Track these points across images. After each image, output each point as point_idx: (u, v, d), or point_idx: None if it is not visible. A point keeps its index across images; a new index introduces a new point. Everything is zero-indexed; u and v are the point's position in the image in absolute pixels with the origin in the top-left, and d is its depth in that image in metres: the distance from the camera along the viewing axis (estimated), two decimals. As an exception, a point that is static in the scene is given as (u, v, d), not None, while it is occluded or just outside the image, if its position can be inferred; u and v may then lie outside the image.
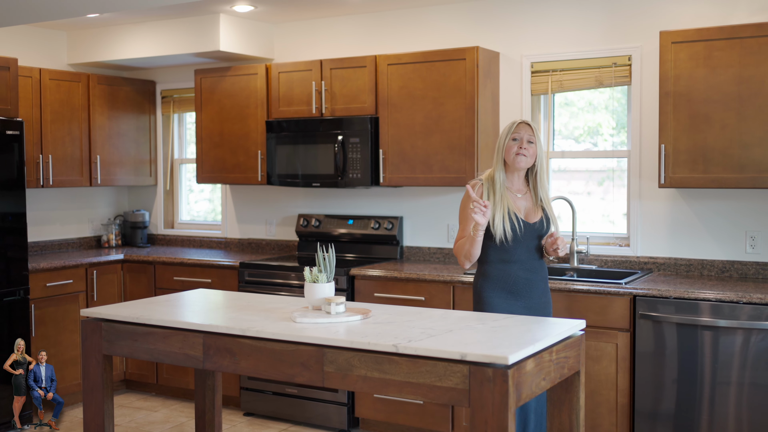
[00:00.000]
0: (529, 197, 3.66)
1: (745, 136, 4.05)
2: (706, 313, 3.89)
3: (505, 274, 3.61)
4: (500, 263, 3.61)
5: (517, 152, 3.57)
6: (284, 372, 2.97)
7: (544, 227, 3.64)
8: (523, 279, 3.61)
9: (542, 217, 3.64)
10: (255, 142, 5.53)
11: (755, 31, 4.01)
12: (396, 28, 5.32)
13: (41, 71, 5.54)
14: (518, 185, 3.67)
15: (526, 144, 3.59)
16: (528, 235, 3.61)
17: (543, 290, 3.68)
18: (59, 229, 6.10)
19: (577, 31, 4.78)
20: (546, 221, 3.65)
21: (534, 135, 3.60)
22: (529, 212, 3.64)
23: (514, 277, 3.61)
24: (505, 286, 3.60)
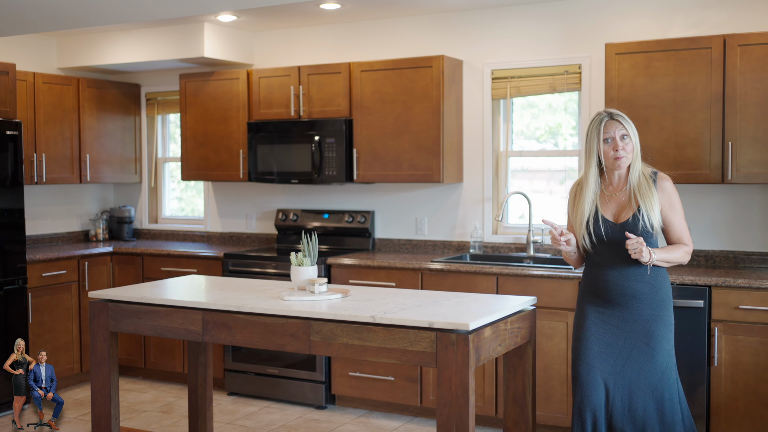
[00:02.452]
0: (626, 193, 3.41)
1: (680, 137, 4.56)
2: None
3: (595, 279, 3.42)
4: (592, 267, 3.45)
5: (615, 156, 3.35)
6: (275, 342, 3.40)
7: (638, 225, 3.32)
8: (616, 286, 3.35)
9: (633, 214, 3.34)
10: (237, 142, 5.94)
11: (689, 44, 4.52)
12: (368, 38, 5.77)
13: (35, 75, 5.91)
14: (618, 182, 3.43)
15: (621, 142, 3.35)
16: (617, 237, 3.35)
17: (648, 302, 3.34)
18: (50, 224, 6.46)
19: (533, 41, 5.27)
20: (639, 219, 3.33)
21: (625, 127, 3.36)
22: (621, 211, 3.39)
23: (604, 282, 3.38)
24: (596, 292, 3.41)
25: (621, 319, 3.36)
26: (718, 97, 4.46)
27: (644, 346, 3.35)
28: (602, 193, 3.45)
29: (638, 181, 3.38)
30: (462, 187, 5.52)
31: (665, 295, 3.38)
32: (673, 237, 3.44)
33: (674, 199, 3.42)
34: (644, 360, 3.34)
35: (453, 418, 3.02)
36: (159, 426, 5.05)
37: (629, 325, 3.35)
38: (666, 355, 3.37)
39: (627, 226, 3.34)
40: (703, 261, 4.84)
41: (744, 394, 4.23)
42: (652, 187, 3.38)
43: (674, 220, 3.42)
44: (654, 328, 3.34)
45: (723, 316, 4.25)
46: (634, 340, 3.36)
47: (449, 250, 5.56)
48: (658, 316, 3.35)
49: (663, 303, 3.37)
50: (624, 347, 3.36)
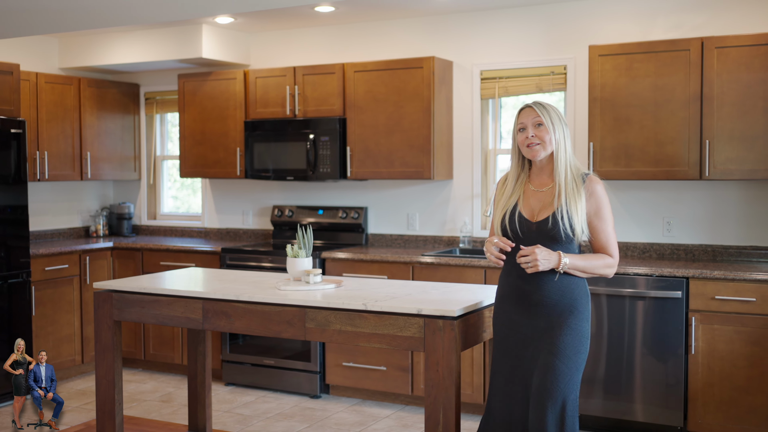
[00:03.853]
0: (550, 191, 3.12)
1: (660, 135, 4.76)
2: (628, 285, 4.58)
3: (507, 281, 3.18)
4: (506, 267, 3.20)
5: (527, 143, 3.10)
6: (272, 329, 3.58)
7: (556, 227, 3.04)
8: (524, 290, 3.11)
9: (552, 214, 3.06)
10: (234, 140, 6.12)
11: (668, 46, 4.72)
12: (362, 39, 5.96)
13: (38, 75, 6.08)
14: (543, 177, 3.17)
15: (534, 129, 3.10)
16: (531, 236, 3.08)
17: (556, 310, 3.05)
18: (52, 220, 6.64)
19: (520, 43, 5.46)
20: (559, 219, 3.04)
21: (541, 116, 3.09)
22: (542, 209, 3.11)
23: (514, 286, 3.14)
24: (507, 295, 3.18)
25: (529, 327, 3.09)
26: (696, 97, 4.66)
27: (549, 355, 3.04)
28: (526, 188, 3.18)
29: (565, 179, 3.08)
30: (452, 183, 5.71)
31: (576, 303, 3.07)
32: (597, 246, 3.15)
33: (602, 205, 3.10)
34: (545, 369, 3.03)
35: (440, 399, 3.21)
36: (159, 414, 5.23)
37: (537, 333, 3.07)
38: (571, 368, 3.04)
39: (542, 226, 3.07)
40: (682, 254, 5.04)
41: (720, 381, 4.43)
42: (580, 189, 3.07)
43: (599, 227, 3.12)
44: (561, 336, 3.03)
45: (700, 307, 4.44)
46: (540, 348, 3.07)
47: (440, 244, 5.75)
48: (566, 324, 3.05)
49: (573, 311, 3.06)
50: (533, 358, 3.08)
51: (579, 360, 3.07)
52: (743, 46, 4.54)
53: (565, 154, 3.11)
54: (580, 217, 3.05)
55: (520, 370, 3.12)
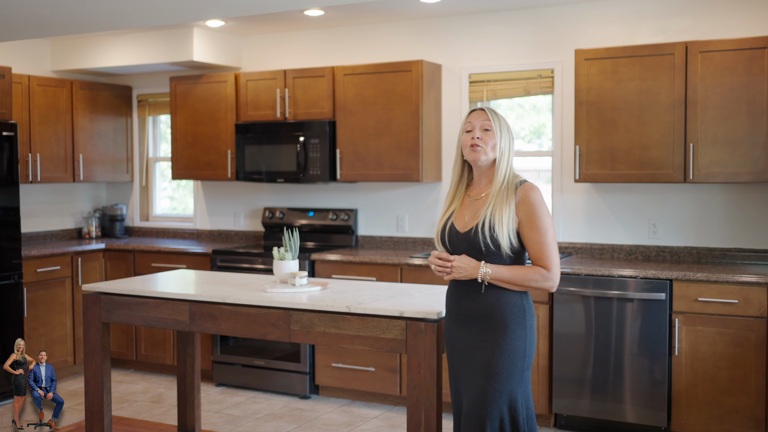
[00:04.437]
0: (484, 200, 3.01)
1: (645, 138, 4.81)
2: (613, 287, 4.63)
3: (448, 294, 3.13)
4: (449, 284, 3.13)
5: (471, 144, 3.00)
6: (257, 331, 3.63)
7: (477, 237, 2.93)
8: (458, 304, 3.03)
9: (476, 225, 2.95)
10: (225, 143, 6.16)
11: (653, 50, 4.77)
12: (351, 42, 6.00)
13: (30, 78, 6.12)
14: (482, 185, 3.06)
15: (481, 133, 3.00)
16: (460, 249, 2.99)
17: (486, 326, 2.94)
18: (44, 222, 6.68)
19: (508, 47, 5.51)
20: (480, 230, 2.93)
21: (491, 121, 3.00)
22: (472, 220, 3.00)
23: (450, 299, 3.09)
24: (448, 308, 3.12)
25: (465, 342, 3.00)
26: (680, 101, 4.71)
27: (481, 377, 2.93)
28: (465, 198, 3.08)
29: (499, 189, 2.96)
30: (441, 186, 5.76)
31: (508, 321, 2.93)
32: (532, 256, 2.96)
33: (536, 214, 2.92)
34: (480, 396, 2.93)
35: (422, 400, 3.26)
36: (149, 415, 5.27)
37: (471, 349, 2.97)
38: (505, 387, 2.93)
39: (467, 237, 2.96)
40: (668, 256, 5.09)
41: (702, 382, 4.48)
42: (511, 198, 2.94)
43: (531, 237, 2.93)
44: (492, 358, 2.92)
45: (683, 308, 4.49)
46: (473, 367, 2.97)
47: (429, 246, 5.79)
48: (497, 345, 2.92)
49: (505, 329, 2.92)
50: (467, 374, 2.99)
51: (513, 379, 2.93)
52: (727, 50, 4.59)
53: (506, 165, 3.00)
54: (506, 226, 2.91)
55: (456, 382, 3.07)
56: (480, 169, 3.05)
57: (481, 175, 3.06)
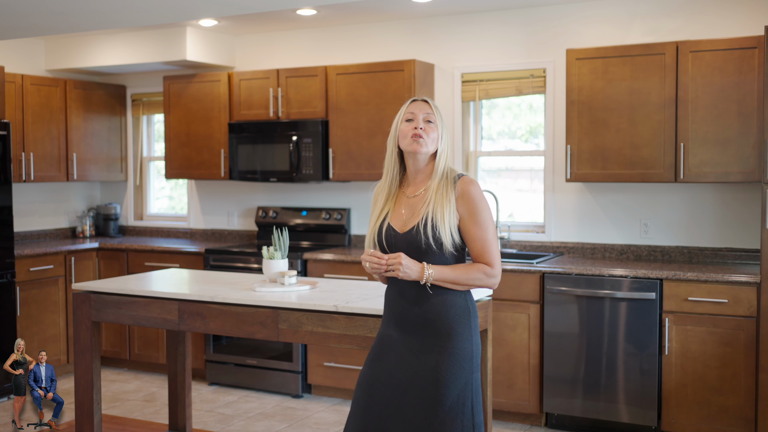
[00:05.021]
0: (422, 197, 2.86)
1: (636, 138, 4.81)
2: (603, 286, 4.64)
3: (387, 299, 2.94)
4: (389, 285, 2.94)
5: (413, 134, 2.82)
6: (246, 330, 3.63)
7: (419, 236, 2.78)
8: (400, 308, 2.85)
9: (417, 224, 2.79)
10: (218, 142, 6.17)
11: (644, 50, 4.77)
12: (344, 42, 6.01)
13: (23, 77, 6.12)
14: (419, 181, 2.90)
15: (423, 124, 2.84)
16: (399, 250, 2.81)
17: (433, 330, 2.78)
18: (38, 221, 6.68)
19: (500, 46, 5.51)
20: (422, 228, 2.78)
21: (434, 113, 2.86)
22: (411, 218, 2.84)
23: (392, 303, 2.89)
24: (388, 313, 2.92)
25: (405, 346, 2.82)
26: (671, 101, 4.71)
27: (429, 385, 2.76)
28: (399, 195, 2.92)
29: (438, 185, 2.81)
30: (433, 185, 5.75)
31: (455, 324, 2.79)
32: (474, 253, 2.83)
33: (477, 209, 2.79)
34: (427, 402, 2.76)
35: (408, 399, 3.26)
36: (141, 414, 5.27)
37: (412, 354, 2.80)
38: (455, 401, 2.77)
39: (408, 237, 2.80)
40: (659, 256, 5.09)
41: (692, 381, 4.48)
42: (450, 193, 2.79)
43: (473, 233, 2.79)
44: (441, 363, 2.76)
45: (673, 308, 4.50)
46: (416, 373, 2.79)
47: (421, 245, 5.79)
48: (443, 349, 2.77)
49: (451, 332, 2.78)
50: (405, 379, 2.80)
51: (460, 384, 2.77)
52: (717, 50, 4.60)
53: (445, 162, 2.85)
54: (447, 223, 2.76)
55: (387, 388, 2.82)
56: (416, 163, 2.86)
57: (417, 171, 2.88)
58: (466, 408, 2.78)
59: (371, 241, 2.89)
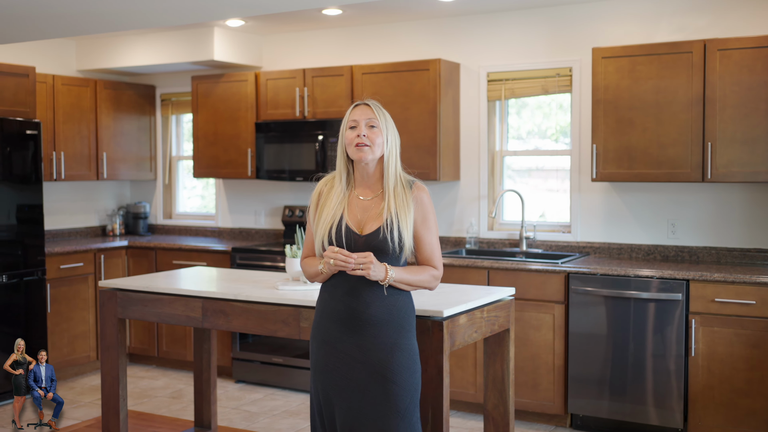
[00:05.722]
0: (378, 200, 2.92)
1: (662, 137, 4.76)
2: (629, 286, 4.60)
3: (332, 300, 2.92)
4: (329, 285, 2.95)
5: (356, 143, 2.86)
6: (268, 328, 3.66)
7: (385, 240, 2.85)
8: (352, 309, 2.86)
9: (380, 227, 2.86)
10: (245, 141, 6.22)
11: (670, 48, 4.73)
12: (370, 41, 6.02)
13: (54, 77, 6.22)
14: (369, 184, 2.95)
15: (366, 129, 2.86)
16: (357, 251, 2.85)
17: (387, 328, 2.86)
18: (69, 219, 6.78)
19: (526, 45, 5.49)
20: (387, 232, 2.85)
21: (377, 117, 2.87)
22: (369, 220, 2.90)
23: (341, 304, 2.89)
24: (332, 315, 2.91)
25: (358, 348, 2.86)
26: (698, 100, 4.66)
27: (382, 378, 2.85)
28: (351, 196, 2.96)
29: (394, 188, 2.89)
30: (459, 185, 5.75)
31: (406, 321, 2.91)
32: (423, 257, 2.95)
33: (429, 214, 2.93)
34: (382, 396, 2.85)
35: (428, 397, 3.26)
36: (168, 410, 5.33)
37: (366, 355, 2.85)
38: (409, 389, 2.87)
39: (371, 239, 2.86)
40: (687, 256, 5.04)
41: (719, 383, 4.43)
42: (408, 199, 2.89)
43: (426, 238, 2.94)
44: (393, 358, 2.84)
45: (700, 309, 4.45)
46: (372, 372, 2.86)
47: (447, 245, 5.79)
48: (398, 345, 2.86)
49: (403, 329, 2.89)
50: (361, 380, 2.87)
51: (416, 380, 2.90)
52: (745, 48, 4.54)
53: (395, 164, 2.91)
54: (410, 229, 2.88)
55: (346, 391, 2.89)
56: (365, 168, 2.91)
57: (367, 174, 2.93)
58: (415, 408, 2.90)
59: (324, 240, 2.90)
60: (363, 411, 2.87)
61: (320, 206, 2.97)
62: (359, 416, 2.88)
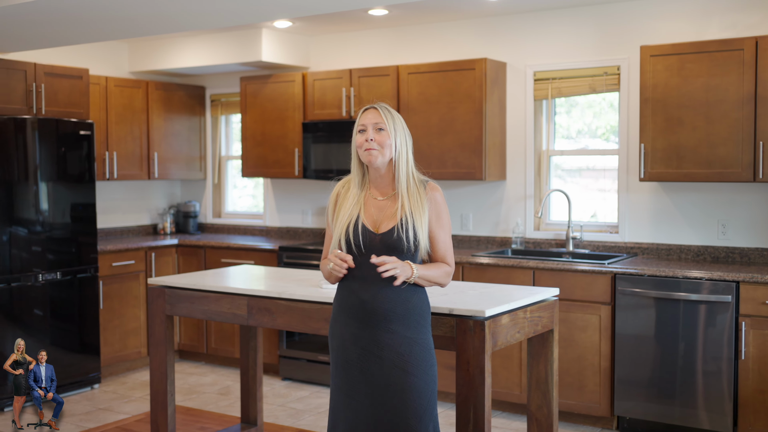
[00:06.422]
0: (393, 200, 3.00)
1: (712, 136, 4.68)
2: (678, 288, 4.53)
3: (350, 296, 2.99)
4: (347, 282, 3.01)
5: (366, 147, 2.94)
6: (311, 326, 3.69)
7: (400, 238, 2.92)
8: (370, 305, 2.93)
9: (396, 226, 2.93)
10: (292, 141, 6.28)
11: (721, 45, 4.64)
12: (415, 41, 6.03)
13: (107, 79, 6.35)
14: (383, 185, 3.03)
15: (373, 133, 2.94)
16: (375, 249, 2.93)
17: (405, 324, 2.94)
18: (121, 218, 6.93)
19: (573, 44, 5.44)
20: (403, 231, 2.92)
21: (385, 120, 2.94)
22: (384, 220, 2.98)
23: (358, 301, 2.96)
24: (350, 311, 2.99)
25: (375, 343, 2.92)
26: (749, 98, 4.57)
27: (401, 372, 2.91)
28: (367, 196, 3.03)
29: (407, 188, 2.97)
30: (505, 184, 5.73)
31: (422, 317, 2.99)
32: (438, 255, 3.05)
33: (443, 213, 3.02)
34: (402, 390, 2.91)
35: (470, 398, 3.26)
36: (216, 406, 5.41)
37: (383, 350, 2.92)
38: (429, 382, 2.95)
39: (387, 237, 2.93)
40: (737, 258, 4.94)
41: (770, 387, 4.34)
42: (423, 198, 2.98)
43: (440, 236, 3.03)
44: (411, 352, 2.92)
45: (750, 311, 4.36)
46: (390, 366, 2.93)
47: (492, 245, 5.77)
48: (415, 340, 2.94)
49: (419, 325, 2.97)
50: (380, 374, 2.93)
51: (434, 373, 2.98)
52: (799, 45, 4.44)
53: (406, 164, 2.98)
54: (424, 227, 2.96)
55: (364, 385, 2.95)
56: (377, 170, 2.99)
57: (380, 175, 3.01)
58: (434, 399, 2.98)
59: (342, 238, 2.98)
60: (384, 405, 2.93)
61: (338, 206, 3.06)
62: (380, 411, 2.94)
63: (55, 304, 5.59)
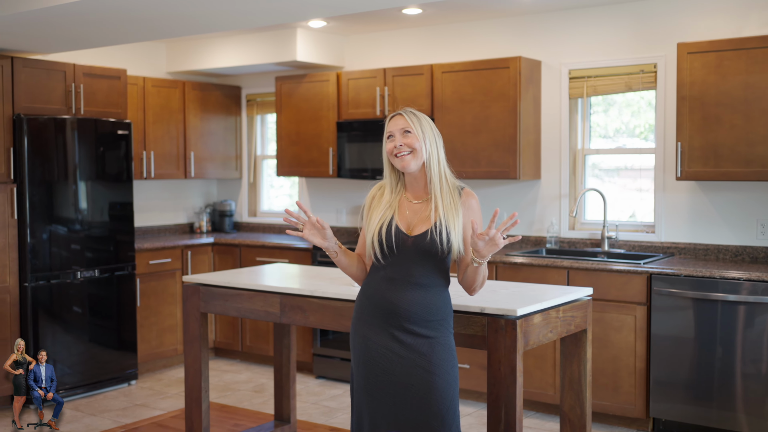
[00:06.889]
0: (427, 204, 3.01)
1: (751, 135, 4.61)
2: (715, 288, 4.47)
3: (375, 295, 3.00)
4: (374, 282, 3.03)
5: (395, 153, 2.98)
6: (344, 324, 3.70)
7: (433, 241, 2.93)
8: (396, 306, 2.94)
9: (430, 229, 2.94)
10: (327, 141, 6.30)
11: (760, 42, 4.56)
12: (449, 40, 6.01)
13: (145, 79, 6.43)
14: (417, 189, 3.05)
15: (401, 138, 2.96)
16: (407, 251, 2.96)
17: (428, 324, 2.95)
18: (158, 216, 7.01)
19: (608, 41, 5.39)
20: (436, 234, 2.93)
21: (411, 123, 2.96)
22: (419, 222, 2.99)
23: (385, 301, 2.97)
24: (375, 311, 3.00)
25: (398, 343, 2.94)
26: (790, 95, 4.49)
27: (424, 372, 2.92)
28: (402, 199, 3.05)
29: (441, 192, 2.98)
30: (540, 183, 5.69)
31: (444, 319, 3.00)
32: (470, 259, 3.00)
33: (479, 220, 2.96)
34: (425, 389, 2.91)
35: (501, 397, 3.25)
36: (250, 403, 5.45)
37: (406, 349, 2.93)
38: (452, 382, 2.96)
39: (419, 240, 2.95)
40: (777, 258, 4.86)
41: (810, 390, 4.26)
42: (457, 203, 2.98)
43: None
44: (434, 352, 2.93)
45: (790, 312, 4.29)
46: (413, 365, 2.93)
47: (527, 244, 5.74)
48: (438, 340, 2.95)
49: (441, 325, 2.98)
50: (402, 374, 2.94)
51: (456, 373, 2.98)
52: (841, 41, 4.35)
53: (438, 166, 2.99)
54: (458, 232, 2.95)
55: (386, 385, 2.96)
56: (410, 174, 3.02)
57: (414, 179, 3.03)
58: (456, 399, 2.97)
59: (375, 239, 3.00)
60: (406, 405, 2.94)
61: (371, 209, 3.10)
62: (403, 410, 2.94)
63: (93, 302, 5.68)
